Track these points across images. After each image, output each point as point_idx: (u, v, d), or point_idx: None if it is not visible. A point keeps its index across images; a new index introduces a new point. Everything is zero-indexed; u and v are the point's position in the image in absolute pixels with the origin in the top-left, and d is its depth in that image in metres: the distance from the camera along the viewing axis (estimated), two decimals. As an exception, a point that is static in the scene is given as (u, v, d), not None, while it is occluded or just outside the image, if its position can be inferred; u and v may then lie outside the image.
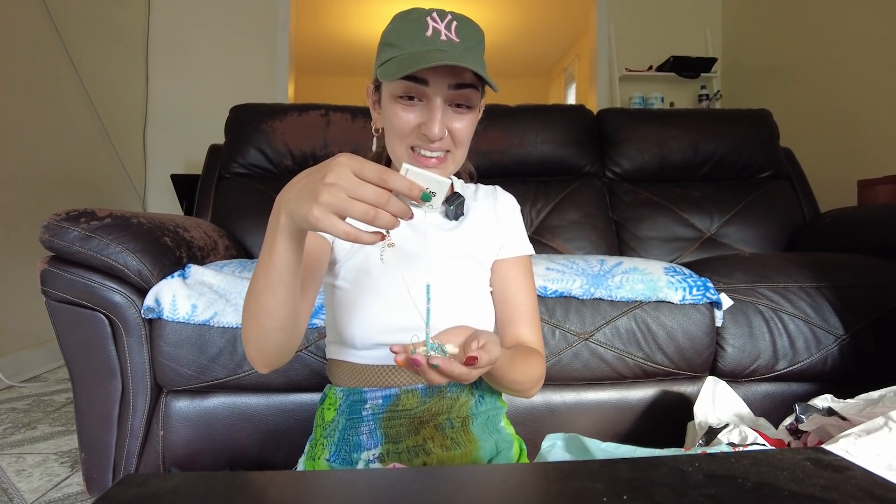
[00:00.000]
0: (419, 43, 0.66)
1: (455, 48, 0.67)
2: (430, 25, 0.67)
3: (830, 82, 2.67)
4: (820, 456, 0.41)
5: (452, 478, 0.40)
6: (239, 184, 1.79)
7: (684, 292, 1.14)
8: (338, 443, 0.74)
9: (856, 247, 1.47)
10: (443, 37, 0.66)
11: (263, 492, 0.35)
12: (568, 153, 1.90)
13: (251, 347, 0.65)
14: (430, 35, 0.66)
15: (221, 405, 1.09)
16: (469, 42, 0.68)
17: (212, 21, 3.23)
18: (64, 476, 1.22)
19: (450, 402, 0.75)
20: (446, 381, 0.55)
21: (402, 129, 0.70)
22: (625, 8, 3.61)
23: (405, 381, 0.75)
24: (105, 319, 1.05)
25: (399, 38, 0.68)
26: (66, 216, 1.03)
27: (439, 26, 0.67)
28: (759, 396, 1.21)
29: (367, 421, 0.74)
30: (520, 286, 0.81)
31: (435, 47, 0.66)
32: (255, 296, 0.60)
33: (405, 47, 0.67)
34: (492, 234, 0.83)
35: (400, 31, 0.69)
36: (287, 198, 0.52)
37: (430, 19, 0.67)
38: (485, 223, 0.83)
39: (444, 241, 0.79)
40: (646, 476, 0.38)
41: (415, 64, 0.63)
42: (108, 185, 2.78)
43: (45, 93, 2.30)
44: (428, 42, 0.66)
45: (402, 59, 0.66)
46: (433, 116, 0.68)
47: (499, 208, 0.86)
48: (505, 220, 0.85)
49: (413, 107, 0.69)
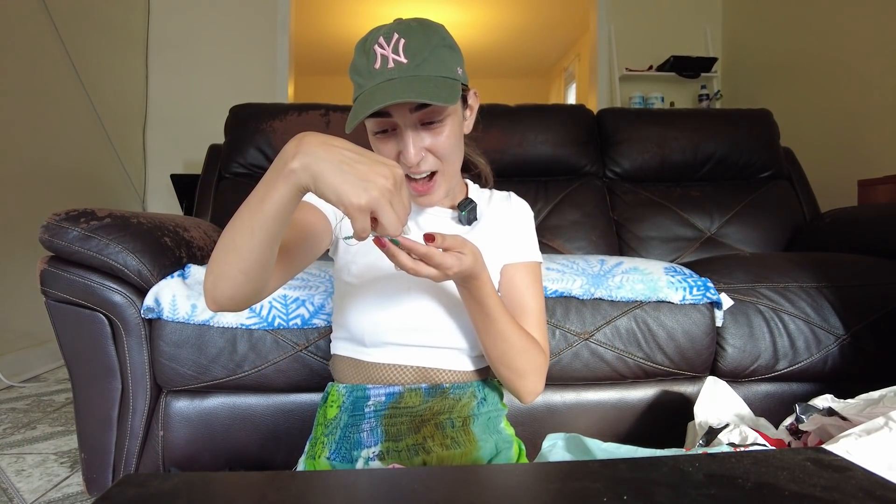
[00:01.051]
0: (370, 77, 0.67)
1: (404, 70, 0.66)
2: (377, 55, 0.67)
3: (830, 82, 2.66)
4: (820, 456, 0.41)
5: (452, 478, 0.40)
6: (239, 184, 1.79)
7: (684, 292, 1.14)
8: (339, 440, 0.75)
9: (856, 247, 1.47)
10: (390, 63, 0.66)
11: (263, 492, 0.35)
12: (568, 153, 1.90)
13: (209, 279, 0.61)
14: (378, 66, 0.66)
15: (221, 405, 1.09)
16: (420, 56, 0.67)
17: (212, 21, 3.23)
18: (64, 476, 1.22)
19: (452, 401, 0.75)
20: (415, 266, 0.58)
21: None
22: (625, 8, 3.61)
23: (409, 380, 0.76)
24: (105, 319, 1.05)
25: (357, 73, 0.69)
26: (66, 216, 1.03)
27: (386, 52, 0.66)
28: (760, 396, 1.21)
29: (368, 418, 0.74)
30: (526, 289, 0.81)
31: (384, 78, 0.66)
32: (232, 233, 0.58)
33: (363, 83, 0.68)
34: (503, 240, 0.82)
35: (356, 67, 0.69)
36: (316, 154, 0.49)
37: (378, 47, 0.67)
38: (497, 229, 0.82)
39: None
40: (646, 476, 0.37)
41: (362, 110, 0.65)
42: (108, 184, 2.78)
43: (44, 93, 2.30)
44: (376, 75, 0.67)
45: (358, 101, 0.68)
46: (405, 144, 0.69)
47: (512, 215, 0.85)
48: (517, 227, 0.84)
49: (389, 138, 0.71)
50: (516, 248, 0.82)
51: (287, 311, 1.04)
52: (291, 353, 1.05)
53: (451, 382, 0.77)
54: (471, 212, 0.80)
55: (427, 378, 0.76)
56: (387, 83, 0.65)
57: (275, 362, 1.05)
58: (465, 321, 0.75)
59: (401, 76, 0.66)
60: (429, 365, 0.76)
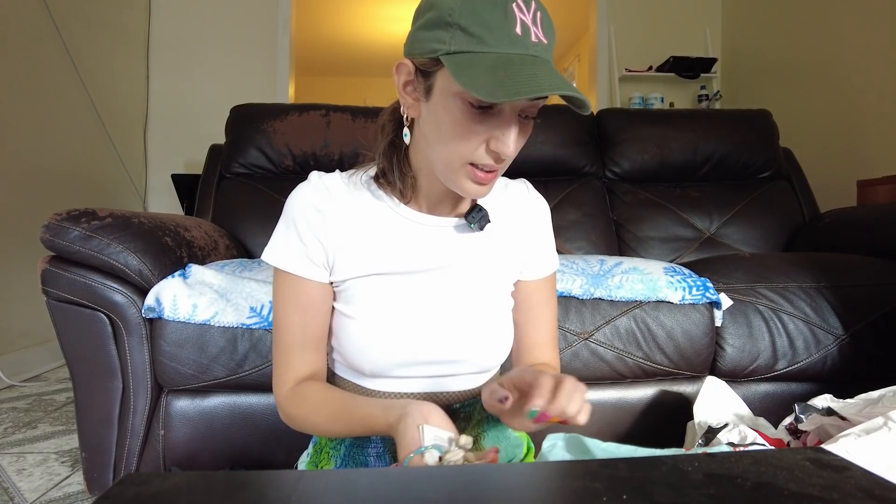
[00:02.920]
0: (508, 41, 0.54)
1: (546, 52, 0.56)
2: (517, 19, 0.54)
3: (830, 82, 2.67)
4: (819, 456, 0.41)
5: (452, 478, 0.40)
6: (239, 184, 1.79)
7: (684, 292, 1.14)
8: (343, 457, 0.72)
9: (855, 247, 1.47)
10: (533, 37, 0.55)
11: (263, 491, 0.35)
12: (568, 153, 1.90)
13: (294, 426, 0.70)
14: (520, 33, 0.54)
15: (222, 405, 1.09)
16: (552, 40, 0.57)
17: (213, 21, 3.23)
18: (64, 475, 1.22)
19: (463, 423, 0.72)
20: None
21: (468, 143, 0.58)
22: (625, 8, 3.61)
23: None
24: (106, 319, 1.05)
25: (477, 24, 0.54)
26: (67, 216, 1.03)
27: (527, 18, 0.54)
28: (759, 396, 1.21)
29: (374, 443, 0.71)
30: (545, 305, 0.76)
31: (526, 51, 0.55)
32: (329, 429, 0.67)
33: (490, 43, 0.54)
34: (521, 251, 0.75)
35: (478, 15, 0.54)
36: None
37: (517, 9, 0.54)
38: (514, 235, 0.74)
39: (464, 258, 0.70)
40: (646, 476, 0.38)
41: (523, 84, 0.51)
42: (109, 184, 2.78)
43: (45, 93, 2.31)
44: (516, 42, 0.54)
45: (497, 69, 0.53)
46: (507, 131, 0.58)
47: (531, 219, 0.76)
48: (537, 236, 0.76)
49: (486, 118, 0.57)
50: (536, 262, 0.76)
51: (287, 310, 1.05)
52: (292, 353, 1.05)
53: (461, 401, 0.73)
54: (481, 220, 0.69)
55: (436, 400, 0.70)
56: (532, 60, 0.54)
57: (275, 362, 1.05)
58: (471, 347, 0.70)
59: (543, 57, 0.56)
60: (437, 389, 0.71)
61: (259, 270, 1.17)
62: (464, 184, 0.62)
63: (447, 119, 0.58)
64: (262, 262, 1.26)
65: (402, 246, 0.68)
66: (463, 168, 0.60)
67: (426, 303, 0.68)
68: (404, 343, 0.67)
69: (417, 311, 0.67)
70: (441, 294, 0.69)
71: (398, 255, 0.68)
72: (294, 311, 0.68)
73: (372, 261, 0.67)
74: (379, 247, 0.67)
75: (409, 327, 0.67)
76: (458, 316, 0.69)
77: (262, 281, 1.10)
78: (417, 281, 0.68)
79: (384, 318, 0.67)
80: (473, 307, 0.70)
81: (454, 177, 0.61)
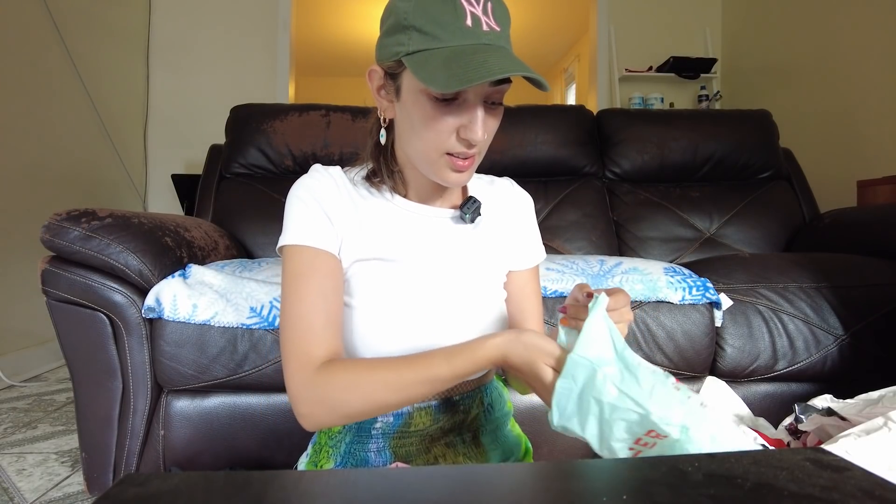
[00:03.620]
0: (459, 34, 0.57)
1: (499, 39, 0.59)
2: (466, 12, 0.57)
3: (830, 82, 2.67)
4: (819, 456, 0.41)
5: (452, 478, 0.40)
6: (240, 184, 1.79)
7: (684, 292, 1.14)
8: (344, 455, 0.72)
9: (855, 247, 1.47)
10: (484, 27, 0.57)
11: (263, 492, 0.35)
12: (568, 153, 1.90)
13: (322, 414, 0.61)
14: (471, 25, 0.57)
15: (222, 405, 1.09)
16: (506, 27, 0.60)
17: (213, 21, 3.23)
18: (64, 475, 1.22)
19: (461, 416, 0.73)
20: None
21: (439, 135, 0.61)
22: (625, 8, 3.61)
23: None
24: (106, 319, 1.05)
25: (430, 23, 0.57)
26: (67, 216, 1.03)
27: (477, 10, 0.57)
28: (759, 396, 1.21)
29: (375, 439, 0.71)
30: (533, 294, 0.79)
31: (478, 41, 0.57)
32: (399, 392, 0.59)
33: (443, 38, 0.57)
34: (509, 242, 0.78)
35: (429, 14, 0.57)
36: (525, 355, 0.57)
37: (465, 2, 0.57)
38: (501, 228, 0.78)
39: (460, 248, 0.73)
40: (646, 476, 0.38)
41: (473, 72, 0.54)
42: (109, 185, 2.79)
43: (45, 93, 2.31)
44: (467, 33, 0.57)
45: (450, 61, 0.56)
46: (474, 118, 0.60)
47: (516, 211, 0.80)
48: (523, 226, 0.80)
49: (453, 109, 0.60)
50: (524, 253, 0.79)
51: (287, 311, 1.05)
52: (292, 353, 1.05)
53: (461, 393, 0.73)
54: (474, 213, 0.73)
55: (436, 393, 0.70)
56: (485, 48, 0.57)
57: (275, 362, 1.05)
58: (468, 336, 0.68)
59: (496, 44, 0.58)
60: None
61: (259, 270, 1.17)
62: (443, 173, 0.65)
63: (417, 114, 0.62)
64: (262, 262, 1.26)
65: (400, 234, 0.70)
66: (441, 158, 0.63)
67: (425, 291, 0.69)
68: (404, 331, 0.67)
69: (417, 299, 0.68)
70: (439, 283, 0.70)
71: (397, 243, 0.69)
72: (315, 284, 0.64)
73: (372, 247, 0.68)
74: (378, 234, 0.69)
75: (408, 316, 0.67)
76: (456, 304, 0.70)
77: (262, 281, 1.10)
78: (415, 269, 0.69)
79: (384, 307, 0.67)
80: (470, 296, 0.71)
81: (434, 168, 0.65)
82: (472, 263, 0.73)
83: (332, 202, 0.68)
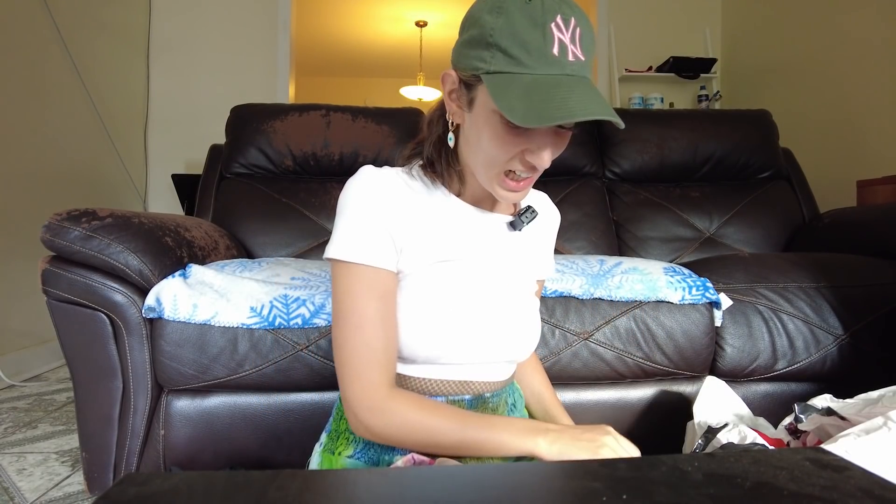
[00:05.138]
0: (544, 62, 0.56)
1: (582, 69, 0.58)
2: (555, 38, 0.55)
3: (830, 82, 2.67)
4: (819, 456, 0.41)
5: (453, 477, 0.40)
6: (240, 184, 1.79)
7: (684, 292, 1.14)
8: (366, 442, 0.71)
9: (855, 247, 1.47)
10: (570, 56, 0.56)
11: (264, 491, 0.35)
12: (567, 153, 1.90)
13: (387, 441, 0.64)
14: (558, 54, 0.56)
15: (222, 404, 1.09)
16: (590, 55, 0.59)
17: (213, 21, 3.23)
18: (65, 475, 1.22)
19: (490, 412, 0.74)
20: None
21: (505, 155, 0.62)
22: (625, 8, 3.61)
23: (451, 391, 0.71)
24: (106, 319, 1.05)
25: (517, 46, 0.56)
26: (67, 216, 1.03)
27: (565, 38, 0.56)
28: (759, 396, 1.21)
29: None
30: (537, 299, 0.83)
31: (562, 71, 0.56)
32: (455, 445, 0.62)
33: (528, 65, 0.56)
34: (542, 252, 0.83)
35: (517, 36, 0.56)
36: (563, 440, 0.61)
37: (556, 28, 0.55)
38: (539, 239, 0.82)
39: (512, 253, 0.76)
40: (646, 476, 0.38)
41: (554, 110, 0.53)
42: (109, 184, 2.79)
43: (46, 93, 2.31)
44: (553, 63, 0.56)
45: (531, 92, 0.55)
46: (543, 146, 0.60)
47: (550, 226, 0.85)
48: (551, 240, 0.85)
49: (522, 132, 0.60)
50: (547, 264, 0.84)
51: (288, 310, 1.05)
52: (292, 353, 1.05)
53: (492, 391, 0.74)
54: (530, 221, 0.76)
55: (469, 389, 0.72)
56: (567, 80, 0.56)
57: (275, 362, 1.05)
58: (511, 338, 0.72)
59: (578, 75, 0.57)
60: (469, 378, 0.72)
61: (259, 270, 1.18)
62: (498, 189, 0.66)
63: (486, 131, 0.62)
64: (262, 262, 1.26)
65: (458, 235, 0.71)
66: (498, 176, 0.64)
67: (475, 292, 0.70)
68: (454, 330, 0.67)
69: (467, 299, 0.69)
70: (488, 285, 0.71)
71: (454, 243, 0.70)
72: (373, 307, 0.64)
73: (433, 249, 0.69)
74: (438, 236, 0.69)
75: (458, 315, 0.68)
76: (503, 307, 0.72)
77: (263, 281, 1.11)
78: (469, 270, 0.70)
79: (436, 305, 0.67)
80: (515, 299, 0.73)
81: (490, 182, 0.66)
82: (520, 269, 0.76)
83: (394, 216, 0.66)
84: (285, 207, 1.72)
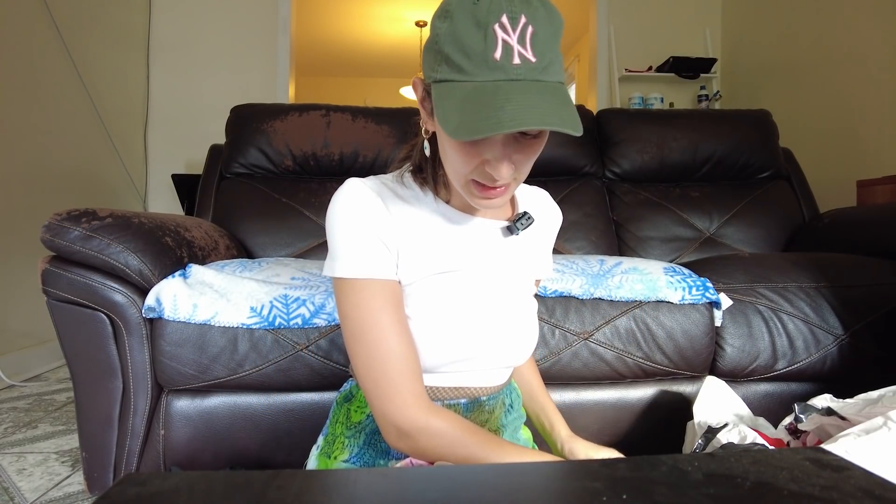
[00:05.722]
0: (485, 68, 0.52)
1: (530, 71, 0.52)
2: (498, 41, 0.51)
3: (830, 82, 2.67)
4: (819, 456, 0.41)
5: (453, 477, 0.40)
6: (240, 184, 1.79)
7: (684, 292, 1.14)
8: (363, 445, 0.71)
9: (855, 247, 1.47)
10: (515, 58, 0.52)
11: (264, 491, 0.35)
12: (567, 153, 1.90)
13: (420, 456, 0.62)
14: (500, 58, 0.52)
15: (222, 404, 1.09)
16: (548, 56, 0.53)
17: (213, 21, 3.23)
18: (65, 475, 1.22)
19: (486, 414, 0.74)
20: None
21: (465, 165, 0.59)
22: (625, 8, 3.61)
23: (448, 396, 0.71)
24: (106, 319, 1.05)
25: (458, 52, 0.53)
26: (67, 216, 1.03)
27: (510, 39, 0.52)
28: (759, 396, 1.21)
29: None
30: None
31: (505, 76, 0.52)
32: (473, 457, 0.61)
33: (468, 71, 0.53)
34: (540, 253, 0.81)
35: (458, 42, 0.53)
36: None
37: (500, 29, 0.51)
38: (537, 240, 0.80)
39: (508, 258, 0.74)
40: (646, 476, 0.38)
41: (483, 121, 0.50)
42: (109, 184, 2.79)
43: (46, 92, 2.31)
44: (495, 68, 0.52)
45: (465, 103, 0.52)
46: (498, 158, 0.57)
47: (550, 227, 0.82)
48: (550, 241, 0.83)
49: (474, 144, 0.57)
50: (545, 264, 0.83)
51: (288, 310, 1.05)
52: (292, 353, 1.05)
53: (489, 395, 0.74)
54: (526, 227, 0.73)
55: (466, 394, 0.72)
56: (508, 86, 0.52)
57: (275, 362, 1.05)
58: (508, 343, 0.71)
59: (526, 78, 0.52)
60: (465, 384, 0.71)
61: (259, 270, 1.18)
62: (472, 197, 0.63)
63: (446, 142, 0.60)
64: (262, 262, 1.26)
65: (453, 244, 0.69)
66: (467, 185, 0.61)
67: (474, 303, 0.68)
68: (454, 339, 0.66)
69: (467, 311, 0.67)
70: (487, 294, 0.70)
71: (450, 253, 0.68)
72: (389, 315, 0.63)
73: (429, 260, 0.67)
74: (433, 245, 0.68)
75: (459, 327, 0.67)
76: (502, 315, 0.70)
77: (263, 281, 1.11)
78: (467, 281, 0.69)
79: (436, 319, 0.66)
80: (514, 306, 0.72)
81: (463, 191, 0.63)
82: (518, 274, 0.74)
83: (383, 226, 0.64)
84: (285, 207, 1.72)
